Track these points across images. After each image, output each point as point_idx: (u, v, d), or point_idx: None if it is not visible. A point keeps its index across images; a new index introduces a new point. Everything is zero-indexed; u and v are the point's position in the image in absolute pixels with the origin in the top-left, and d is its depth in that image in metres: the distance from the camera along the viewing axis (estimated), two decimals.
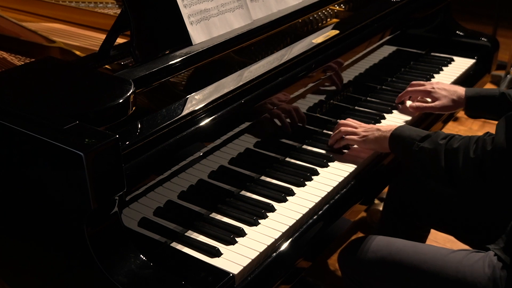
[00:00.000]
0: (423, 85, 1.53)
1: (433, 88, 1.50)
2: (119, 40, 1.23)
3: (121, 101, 0.96)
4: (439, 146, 1.10)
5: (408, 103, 1.57)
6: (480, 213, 1.33)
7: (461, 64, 1.87)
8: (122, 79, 1.05)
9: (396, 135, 1.21)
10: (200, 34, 1.26)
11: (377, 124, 1.31)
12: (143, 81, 1.12)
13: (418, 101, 1.55)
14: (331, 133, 1.46)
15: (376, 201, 2.08)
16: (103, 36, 1.21)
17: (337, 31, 1.45)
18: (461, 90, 1.47)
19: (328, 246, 1.24)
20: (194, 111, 1.08)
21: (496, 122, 1.47)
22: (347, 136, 1.32)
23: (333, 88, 1.49)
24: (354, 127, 1.32)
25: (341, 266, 1.36)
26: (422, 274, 1.18)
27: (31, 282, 1.09)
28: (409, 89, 1.55)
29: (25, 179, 0.96)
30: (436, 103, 1.50)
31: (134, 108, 1.00)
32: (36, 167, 0.93)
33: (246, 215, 1.14)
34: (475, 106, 1.45)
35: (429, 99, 1.53)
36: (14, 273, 1.12)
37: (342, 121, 1.37)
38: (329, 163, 1.32)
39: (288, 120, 1.33)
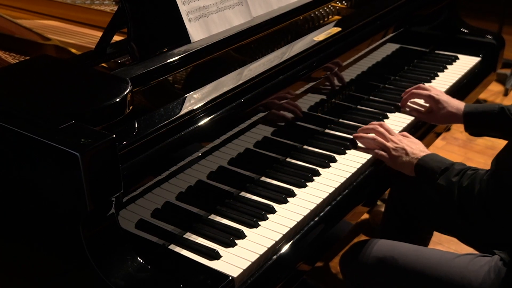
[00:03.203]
0: (428, 89, 1.51)
1: (437, 95, 1.48)
2: (116, 38, 1.22)
3: (118, 100, 0.95)
4: (452, 185, 1.13)
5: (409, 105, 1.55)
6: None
7: (466, 62, 1.85)
8: (119, 78, 1.04)
9: (420, 165, 1.23)
10: (199, 32, 1.24)
11: (404, 141, 1.30)
12: (140, 80, 1.11)
13: (417, 105, 1.53)
14: (332, 132, 1.44)
15: (379, 203, 2.06)
16: (99, 34, 1.19)
17: (339, 29, 1.44)
18: (460, 105, 1.46)
19: (330, 249, 1.22)
20: (192, 111, 1.07)
21: (497, 139, 1.46)
22: (378, 152, 1.31)
23: (335, 87, 1.47)
24: (386, 139, 1.31)
25: (342, 269, 1.35)
26: (426, 280, 1.17)
27: (25, 285, 1.07)
28: (414, 91, 1.53)
29: (20, 180, 0.94)
30: (433, 114, 1.48)
31: (131, 108, 0.99)
32: (31, 168, 0.92)
33: (245, 216, 1.12)
34: (473, 122, 1.43)
35: (427, 105, 1.51)
36: (7, 276, 1.10)
37: (378, 127, 1.34)
38: (330, 164, 1.30)
39: (288, 117, 1.31)
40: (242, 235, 1.07)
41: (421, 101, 1.54)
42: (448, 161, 1.19)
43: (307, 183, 1.23)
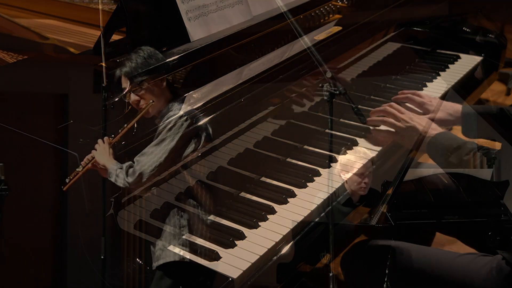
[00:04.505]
0: (421, 96, 1.49)
1: (430, 101, 1.46)
2: (115, 37, 1.21)
3: (116, 99, 0.94)
4: (463, 162, 1.16)
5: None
6: (487, 216, 1.31)
7: (467, 62, 1.84)
8: (118, 77, 1.02)
9: (432, 143, 1.25)
10: (199, 31, 1.24)
11: (414, 117, 1.33)
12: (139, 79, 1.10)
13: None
14: (333, 132, 1.43)
15: None
16: (98, 33, 1.19)
17: (340, 28, 1.43)
18: (457, 106, 1.45)
19: (330, 250, 1.21)
20: (192, 110, 1.06)
21: (495, 142, 1.45)
22: (390, 131, 1.32)
23: (335, 86, 1.46)
24: (397, 119, 1.33)
25: (343, 270, 1.34)
26: (428, 279, 1.16)
27: (25, 285, 1.07)
28: (409, 95, 1.51)
29: (18, 180, 0.93)
30: (431, 115, 1.47)
31: (130, 107, 0.98)
32: (29, 168, 0.91)
33: (245, 217, 1.12)
34: (472, 123, 1.42)
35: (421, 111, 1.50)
36: (7, 276, 1.09)
37: (388, 108, 1.37)
38: (331, 164, 1.29)
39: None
40: (242, 236, 1.06)
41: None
42: (460, 140, 1.21)
43: (308, 184, 1.22)
